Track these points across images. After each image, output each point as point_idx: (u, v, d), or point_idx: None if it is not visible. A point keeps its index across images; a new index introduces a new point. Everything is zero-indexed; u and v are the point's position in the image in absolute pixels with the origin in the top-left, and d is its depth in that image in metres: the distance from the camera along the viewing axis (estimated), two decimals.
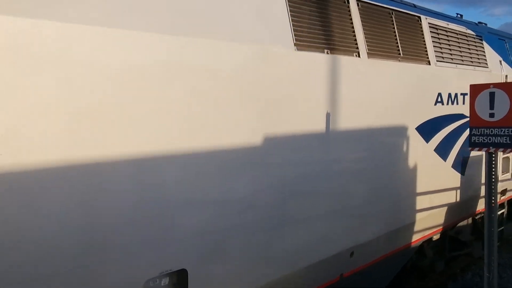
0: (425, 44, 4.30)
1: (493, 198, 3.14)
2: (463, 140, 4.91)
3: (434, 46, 4.45)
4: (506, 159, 6.12)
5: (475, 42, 5.40)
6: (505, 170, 6.19)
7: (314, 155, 3.03)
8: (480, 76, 5.15)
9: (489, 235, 3.16)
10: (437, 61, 4.44)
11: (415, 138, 4.13)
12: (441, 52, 4.61)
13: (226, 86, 2.40)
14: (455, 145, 4.86)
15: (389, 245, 3.98)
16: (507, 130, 2.95)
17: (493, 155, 3.12)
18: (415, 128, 4.13)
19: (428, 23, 4.44)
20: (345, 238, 3.37)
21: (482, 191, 5.06)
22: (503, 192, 6.17)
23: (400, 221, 4.08)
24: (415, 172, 4.19)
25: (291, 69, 2.78)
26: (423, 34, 4.31)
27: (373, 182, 3.62)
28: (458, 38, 5.02)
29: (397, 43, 3.86)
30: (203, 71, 2.29)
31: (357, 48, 3.34)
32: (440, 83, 4.51)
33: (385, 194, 3.81)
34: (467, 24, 5.45)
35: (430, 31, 4.44)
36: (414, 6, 4.40)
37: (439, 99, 4.48)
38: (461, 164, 5.01)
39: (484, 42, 5.58)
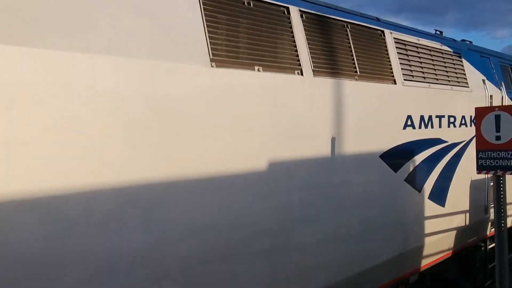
0: (389, 61, 3.87)
1: (502, 222, 3.07)
2: (442, 168, 4.48)
3: (401, 63, 4.02)
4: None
5: (452, 59, 4.94)
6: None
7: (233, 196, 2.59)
8: (458, 96, 4.79)
9: (500, 261, 3.07)
10: (404, 79, 3.99)
11: (379, 167, 3.60)
12: (410, 70, 4.16)
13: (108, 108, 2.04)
14: (432, 174, 4.34)
15: None
16: None
17: (501, 178, 3.05)
18: (379, 156, 3.62)
19: (394, 38, 4.02)
20: None
21: (468, 222, 4.90)
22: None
23: (360, 266, 3.49)
24: (378, 207, 3.64)
25: (205, 88, 2.43)
26: (387, 50, 3.88)
27: (317, 223, 3.07)
28: (431, 55, 4.57)
29: (353, 60, 3.46)
30: (76, 89, 1.93)
31: (300, 65, 2.97)
32: (410, 105, 4.01)
33: (336, 237, 3.23)
34: (443, 40, 5.02)
35: (396, 47, 4.02)
36: (378, 19, 4.04)
37: (409, 122, 3.97)
38: (441, 195, 4.49)
39: (463, 60, 5.11)
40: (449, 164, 4.60)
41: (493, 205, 4.69)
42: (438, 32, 5.33)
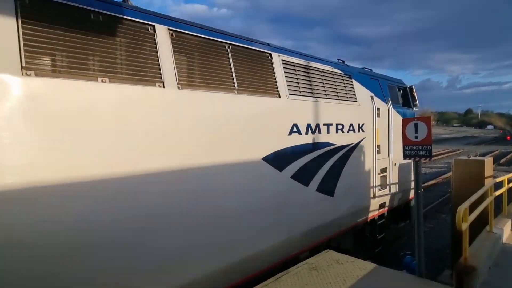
0: (275, 78, 4.50)
1: (420, 189, 4.81)
2: (330, 165, 5.37)
3: (288, 81, 4.68)
4: (384, 177, 7.06)
5: (343, 79, 5.93)
6: (383, 186, 7.07)
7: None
8: (347, 108, 5.81)
9: (418, 209, 4.85)
10: (290, 94, 4.65)
11: (261, 168, 4.15)
12: (298, 87, 4.86)
13: None
14: (320, 170, 5.16)
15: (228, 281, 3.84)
16: (426, 146, 4.60)
17: (418, 162, 4.78)
18: (262, 159, 4.17)
19: (282, 60, 4.70)
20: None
21: (358, 206, 6.16)
22: (382, 205, 7.09)
23: (252, 249, 4.11)
24: (261, 201, 4.21)
25: (18, 96, 2.37)
26: (273, 69, 4.50)
27: (202, 215, 3.52)
28: (322, 75, 5.43)
29: (232, 76, 3.90)
30: None
31: (161, 78, 3.18)
32: (296, 115, 4.68)
33: (225, 226, 3.77)
34: (335, 64, 5.98)
35: (284, 67, 4.69)
36: (268, 45, 4.64)
37: (295, 129, 4.65)
38: (329, 187, 5.40)
39: (353, 80, 6.17)
40: (338, 162, 5.60)
41: (380, 192, 6.86)
42: (340, 61, 6.47)
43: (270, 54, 4.58)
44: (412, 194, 8.13)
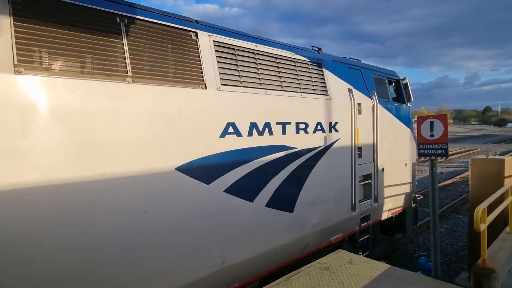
0: (200, 65, 3.51)
1: (435, 189, 4.69)
2: (288, 174, 4.30)
3: (220, 67, 3.70)
4: (367, 186, 6.01)
5: (309, 68, 4.86)
6: (367, 196, 6.00)
7: None
8: (313, 103, 4.75)
9: (433, 209, 4.73)
10: (223, 84, 3.67)
11: (174, 180, 3.17)
12: (237, 75, 3.87)
13: None
14: (273, 181, 4.11)
15: None
16: (442, 145, 4.48)
17: (433, 161, 4.66)
18: (176, 169, 3.18)
19: (214, 41, 3.73)
20: None
21: (332, 222, 5.08)
22: (365, 218, 5.98)
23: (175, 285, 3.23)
24: (175, 224, 3.23)
25: None
26: (198, 53, 3.53)
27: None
28: (277, 62, 4.41)
29: (124, 59, 2.97)
30: None
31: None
32: (233, 111, 3.70)
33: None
34: (298, 50, 4.82)
35: (216, 51, 3.72)
36: (197, 22, 3.69)
37: (231, 130, 3.67)
38: (287, 201, 4.35)
39: (324, 70, 5.06)
40: (300, 169, 4.49)
41: (362, 204, 5.75)
42: (316, 48, 5.33)
43: (196, 33, 3.59)
44: (407, 202, 7.18)
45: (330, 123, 5.05)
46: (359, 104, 5.67)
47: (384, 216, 6.58)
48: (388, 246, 7.20)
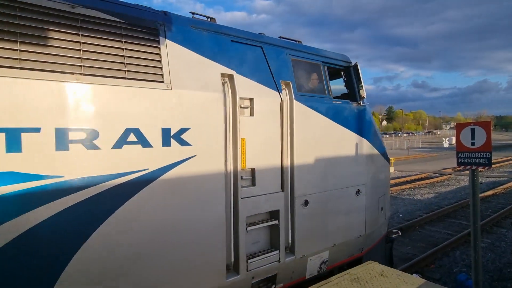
0: None
1: (477, 200, 4.38)
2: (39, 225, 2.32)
3: None
4: (274, 228, 3.92)
5: (119, 35, 2.86)
6: (274, 245, 3.91)
7: None
8: (111, 94, 2.69)
9: (474, 222, 4.41)
10: None
11: None
12: None
13: None
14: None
15: None
16: (485, 153, 4.19)
17: (475, 171, 4.36)
18: None
19: None
20: None
21: None
22: (268, 281, 3.92)
23: None
24: None
25: None
26: None
27: None
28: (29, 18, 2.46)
29: None
30: None
31: None
32: None
33: None
34: (105, 2, 2.84)
35: None
36: None
37: None
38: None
39: (164, 40, 3.08)
40: (71, 217, 2.46)
41: (254, 261, 3.59)
42: (209, 19, 3.66)
43: None
44: (366, 244, 5.01)
45: (165, 130, 2.94)
46: (250, 100, 3.63)
47: (313, 271, 4.39)
48: None
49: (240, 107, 3.53)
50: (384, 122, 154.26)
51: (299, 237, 4.05)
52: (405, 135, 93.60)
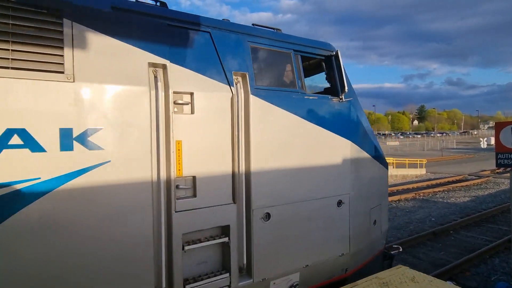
0: None
1: None
2: None
3: None
4: (224, 247, 3.32)
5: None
6: (225, 267, 3.30)
7: None
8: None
9: None
10: None
11: None
12: None
13: None
14: None
15: None
16: None
17: None
18: None
19: None
20: None
21: None
22: None
23: None
24: None
25: None
26: None
27: None
28: None
29: None
30: None
31: None
32: None
33: None
34: None
35: None
36: None
37: None
38: None
39: (64, 20, 2.52)
40: None
41: (199, 281, 3.03)
42: None
43: None
44: (350, 264, 4.25)
45: (65, 130, 2.45)
46: (190, 95, 3.04)
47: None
48: None
49: (176, 103, 2.95)
50: (415, 122, 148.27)
51: (258, 257, 3.37)
52: (438, 135, 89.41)
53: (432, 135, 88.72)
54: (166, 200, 2.87)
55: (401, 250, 5.30)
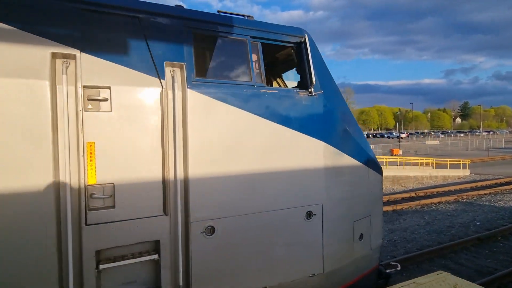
0: None
1: None
2: None
3: None
4: (152, 264, 2.96)
5: None
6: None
7: None
8: None
9: None
10: None
11: None
12: None
13: None
14: None
15: None
16: None
17: None
18: None
19: None
20: None
21: None
22: None
23: None
24: None
25: None
26: None
27: None
28: None
29: None
30: None
31: None
32: None
33: None
34: None
35: None
36: None
37: None
38: None
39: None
40: None
41: None
42: None
43: None
44: (328, 284, 3.70)
45: None
46: (108, 90, 2.64)
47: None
48: None
49: (90, 99, 2.54)
50: (458, 120, 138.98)
51: (198, 277, 2.91)
52: (484, 133, 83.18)
53: (477, 133, 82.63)
54: (73, 212, 2.45)
55: (399, 268, 4.55)
